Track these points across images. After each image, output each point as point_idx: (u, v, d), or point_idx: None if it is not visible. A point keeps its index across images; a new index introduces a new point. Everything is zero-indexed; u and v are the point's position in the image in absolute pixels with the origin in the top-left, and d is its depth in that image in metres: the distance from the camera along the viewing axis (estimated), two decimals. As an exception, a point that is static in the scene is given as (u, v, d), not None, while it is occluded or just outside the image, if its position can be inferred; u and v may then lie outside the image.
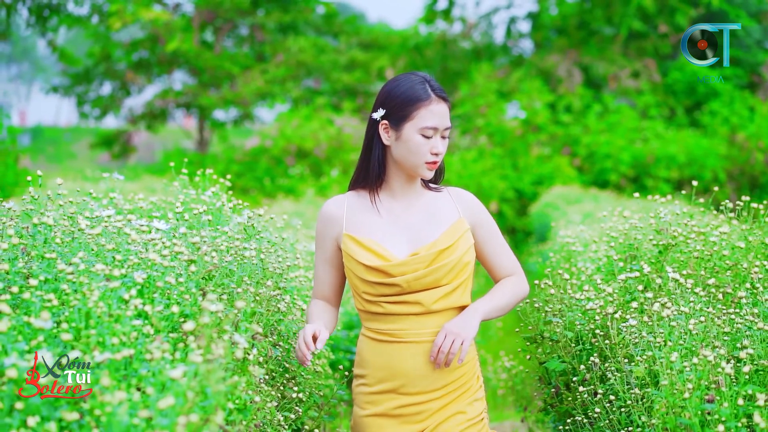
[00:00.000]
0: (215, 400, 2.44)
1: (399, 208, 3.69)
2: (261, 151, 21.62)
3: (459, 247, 3.59)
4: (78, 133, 44.15)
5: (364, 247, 3.58)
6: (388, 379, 3.60)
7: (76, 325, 2.73)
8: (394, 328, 3.58)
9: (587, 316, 4.08)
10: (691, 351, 3.22)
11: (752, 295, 3.59)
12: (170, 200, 5.09)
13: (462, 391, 3.63)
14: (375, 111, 3.65)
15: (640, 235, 4.59)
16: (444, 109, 3.59)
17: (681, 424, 2.99)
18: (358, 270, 3.57)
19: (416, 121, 3.54)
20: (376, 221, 3.66)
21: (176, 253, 3.48)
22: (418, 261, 3.53)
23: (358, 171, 3.75)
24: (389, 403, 3.61)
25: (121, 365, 2.58)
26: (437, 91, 3.58)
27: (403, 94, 3.58)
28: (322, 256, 3.77)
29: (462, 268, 3.59)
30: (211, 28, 27.70)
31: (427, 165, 3.58)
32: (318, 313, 3.72)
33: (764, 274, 3.86)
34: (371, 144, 3.67)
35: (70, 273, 2.98)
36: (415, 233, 3.63)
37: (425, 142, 3.54)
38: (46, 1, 21.65)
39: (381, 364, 3.62)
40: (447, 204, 3.73)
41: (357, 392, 3.72)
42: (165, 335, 2.95)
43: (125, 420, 2.25)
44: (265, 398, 3.56)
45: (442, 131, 3.58)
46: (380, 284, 3.54)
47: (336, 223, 3.69)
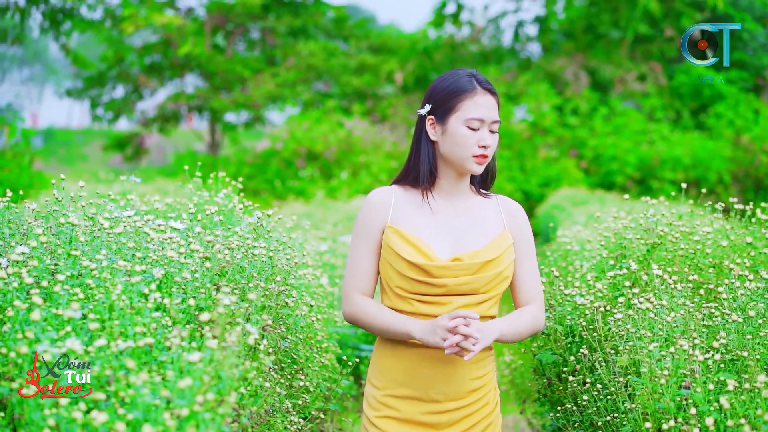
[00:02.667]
0: (228, 384, 2.68)
1: (446, 208, 3.60)
2: (272, 153, 21.81)
3: (503, 261, 3.51)
4: (90, 136, 44.25)
5: (408, 243, 3.49)
6: (407, 384, 3.52)
7: (101, 317, 2.97)
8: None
9: (578, 311, 4.29)
10: (669, 341, 3.44)
11: (730, 290, 3.79)
12: (184, 201, 5.27)
13: (483, 403, 3.56)
14: (422, 107, 3.59)
15: (631, 235, 4.78)
16: (490, 101, 3.50)
17: (659, 408, 3.22)
18: (399, 265, 3.48)
19: (461, 113, 3.47)
20: (422, 218, 3.56)
21: (192, 250, 3.68)
22: (463, 267, 3.44)
23: (406, 167, 3.65)
24: (407, 409, 3.52)
25: (142, 352, 2.82)
26: (483, 83, 3.51)
27: (447, 87, 3.52)
28: (366, 246, 3.62)
29: (501, 282, 3.53)
30: (222, 32, 27.90)
31: (475, 159, 3.48)
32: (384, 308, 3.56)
33: (744, 270, 4.08)
34: (419, 141, 3.60)
35: (94, 269, 3.19)
36: (459, 236, 3.54)
37: (471, 134, 3.46)
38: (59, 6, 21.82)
39: (401, 367, 3.54)
40: (494, 212, 3.65)
41: (370, 393, 3.64)
42: (182, 326, 3.18)
43: (148, 399, 2.46)
44: (275, 385, 3.76)
45: (490, 124, 3.48)
46: (419, 282, 3.46)
47: (383, 212, 3.58)
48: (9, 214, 3.83)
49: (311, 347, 4.59)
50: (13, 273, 3.03)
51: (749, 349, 3.35)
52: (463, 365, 3.50)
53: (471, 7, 30.09)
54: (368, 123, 23.57)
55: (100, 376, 2.64)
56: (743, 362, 3.35)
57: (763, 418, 2.62)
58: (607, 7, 24.49)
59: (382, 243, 3.58)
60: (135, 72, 27.56)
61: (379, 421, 3.56)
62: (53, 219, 3.75)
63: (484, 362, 3.57)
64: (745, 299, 3.60)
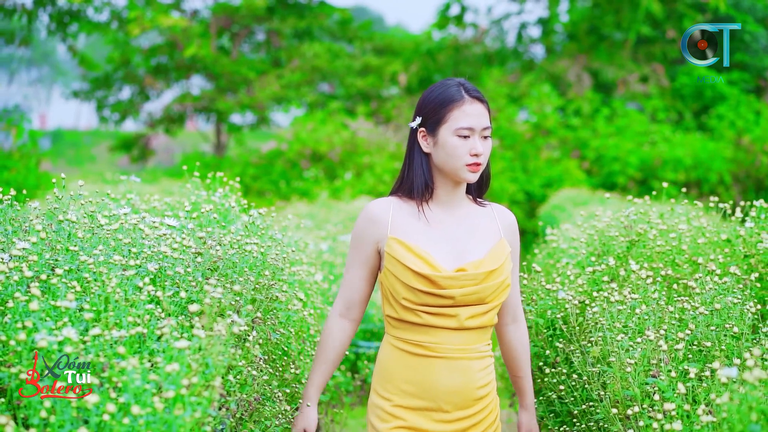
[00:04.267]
0: (215, 370, 2.84)
1: (444, 218, 3.62)
2: (276, 154, 21.93)
3: (505, 270, 3.55)
4: (97, 137, 44.31)
5: (414, 253, 3.49)
6: (416, 396, 3.54)
7: (96, 309, 3.14)
8: (428, 340, 3.51)
9: (559, 306, 4.45)
10: (639, 333, 3.60)
11: (701, 285, 3.95)
12: (182, 201, 5.42)
13: (490, 410, 3.61)
14: (413, 120, 3.63)
15: (614, 232, 4.93)
16: (479, 109, 3.51)
17: (627, 396, 3.38)
18: (404, 276, 3.48)
19: (451, 123, 3.49)
20: (422, 229, 3.57)
21: (185, 246, 3.85)
22: (469, 278, 3.47)
23: (399, 179, 3.68)
24: (416, 419, 3.54)
25: (135, 341, 3.00)
26: (471, 92, 3.53)
27: (436, 99, 3.54)
28: (358, 258, 3.67)
29: (503, 290, 3.56)
30: (228, 34, 27.99)
31: (469, 167, 3.51)
32: (328, 352, 3.71)
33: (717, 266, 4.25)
34: (412, 153, 3.62)
35: (91, 263, 3.36)
36: (460, 246, 3.57)
37: (462, 143, 3.48)
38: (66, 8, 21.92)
39: (410, 378, 3.55)
40: (491, 221, 3.68)
41: (376, 405, 3.65)
42: (174, 317, 3.35)
43: (138, 383, 2.63)
44: (263, 374, 3.90)
45: (480, 131, 3.50)
46: (426, 293, 3.47)
47: (381, 226, 3.59)
48: (12, 212, 3.97)
49: (304, 341, 4.72)
50: (15, 267, 3.19)
51: (714, 340, 3.51)
52: (471, 375, 3.54)
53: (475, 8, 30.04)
54: (372, 124, 23.69)
55: (95, 363, 2.80)
56: (710, 352, 3.51)
57: (716, 403, 2.77)
58: (609, 9, 24.58)
59: (376, 257, 3.63)
60: (141, 73, 27.65)
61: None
62: (53, 216, 3.89)
63: (488, 370, 3.61)
64: (712, 293, 3.76)
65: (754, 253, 4.48)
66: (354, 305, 3.72)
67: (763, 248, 4.41)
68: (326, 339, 3.70)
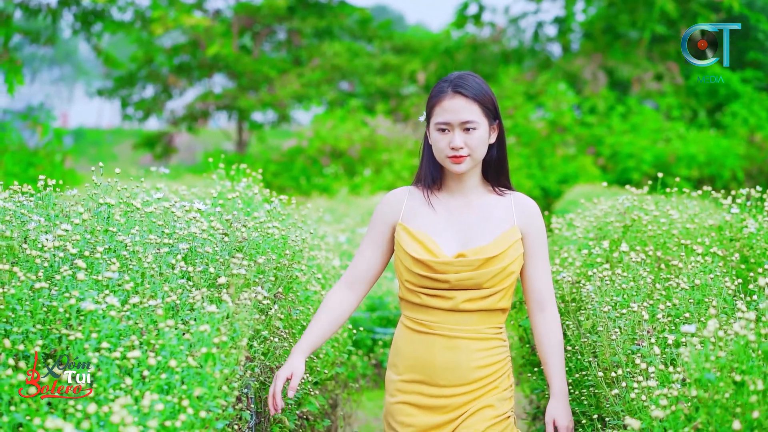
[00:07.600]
0: (241, 332, 3.19)
1: (456, 206, 3.74)
2: (297, 151, 22.26)
3: (507, 257, 3.63)
4: (119, 135, 44.61)
5: (415, 239, 3.65)
6: (416, 369, 3.68)
7: (135, 282, 3.49)
8: (428, 319, 3.65)
9: (558, 285, 4.78)
10: (625, 306, 3.94)
11: (685, 264, 4.29)
12: (209, 191, 5.74)
13: (491, 387, 3.68)
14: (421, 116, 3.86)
15: (612, 219, 5.26)
16: (459, 103, 3.60)
17: (613, 362, 3.72)
18: (405, 260, 3.64)
19: (434, 118, 3.64)
20: (432, 216, 3.71)
21: (213, 228, 4.20)
22: (464, 264, 3.58)
23: (418, 170, 3.85)
24: (416, 393, 3.69)
25: (170, 307, 3.35)
26: (456, 87, 3.62)
27: (430, 95, 3.71)
28: (369, 238, 3.85)
29: (506, 276, 3.64)
30: (249, 34, 28.37)
31: (450, 159, 3.62)
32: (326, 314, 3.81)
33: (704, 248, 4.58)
34: (424, 145, 3.80)
35: (129, 243, 3.72)
36: (468, 233, 3.67)
37: (442, 137, 3.61)
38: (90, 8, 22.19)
39: (412, 353, 3.70)
40: (506, 209, 3.75)
41: (388, 379, 3.82)
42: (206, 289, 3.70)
43: (174, 341, 2.97)
44: (284, 343, 4.24)
45: (459, 125, 3.60)
46: (423, 277, 3.61)
47: (395, 210, 3.77)
48: (55, 196, 4.31)
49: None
50: (59, 246, 3.53)
51: (693, 312, 3.84)
52: (467, 355, 3.64)
53: (492, 8, 30.29)
54: (391, 122, 24.01)
55: (134, 329, 3.13)
56: (690, 322, 3.85)
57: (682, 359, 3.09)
58: (625, 8, 24.82)
59: (387, 237, 3.80)
60: (164, 72, 28.05)
61: (393, 407, 3.76)
62: (93, 201, 4.21)
63: (491, 351, 3.69)
64: (694, 271, 4.10)
65: (739, 237, 4.82)
66: (358, 281, 3.85)
67: (748, 233, 4.75)
68: (324, 301, 3.85)
